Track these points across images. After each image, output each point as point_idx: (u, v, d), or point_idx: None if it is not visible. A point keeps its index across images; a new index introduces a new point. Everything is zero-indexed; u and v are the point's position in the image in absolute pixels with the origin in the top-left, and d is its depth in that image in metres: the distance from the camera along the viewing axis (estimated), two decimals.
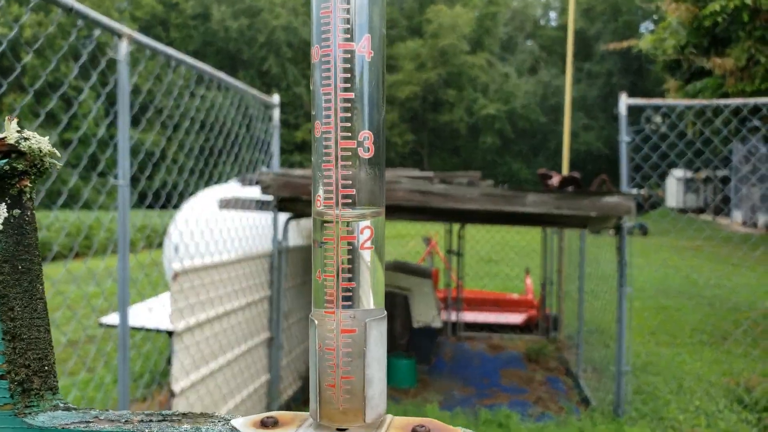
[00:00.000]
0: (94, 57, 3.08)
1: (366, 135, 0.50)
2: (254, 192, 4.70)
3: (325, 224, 0.50)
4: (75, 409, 0.56)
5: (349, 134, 0.50)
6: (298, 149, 36.30)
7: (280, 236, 4.64)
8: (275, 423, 0.52)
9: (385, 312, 0.52)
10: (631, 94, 5.03)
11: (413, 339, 5.97)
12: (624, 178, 4.87)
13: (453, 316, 7.51)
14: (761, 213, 23.08)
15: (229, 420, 0.53)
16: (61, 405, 0.57)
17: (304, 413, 0.55)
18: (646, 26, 47.38)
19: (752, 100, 4.85)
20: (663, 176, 32.32)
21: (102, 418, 0.53)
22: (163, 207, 3.91)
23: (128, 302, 3.00)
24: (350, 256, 0.49)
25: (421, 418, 0.52)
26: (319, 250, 0.50)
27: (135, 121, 3.25)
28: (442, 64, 43.47)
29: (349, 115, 0.50)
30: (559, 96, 43.95)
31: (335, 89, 0.50)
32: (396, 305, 5.89)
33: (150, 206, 3.75)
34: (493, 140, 43.53)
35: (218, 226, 4.10)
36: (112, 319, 4.13)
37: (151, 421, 0.53)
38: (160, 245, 6.57)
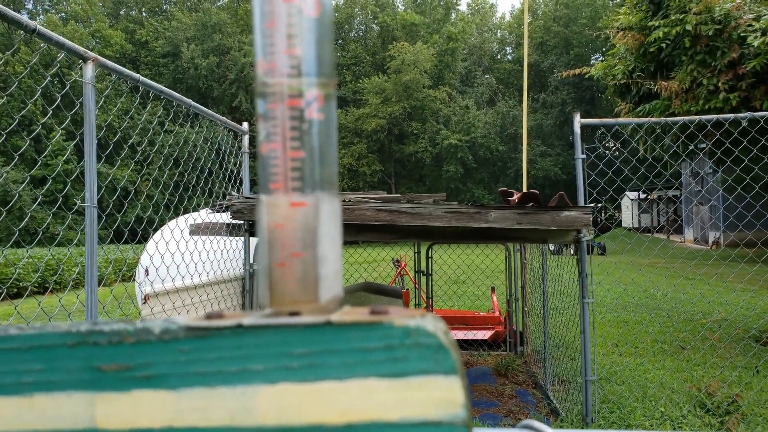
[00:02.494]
0: (65, 96, 3.13)
1: None
2: (225, 217, 4.71)
3: (268, 93, 0.45)
4: None
5: None
6: None
7: (251, 260, 4.66)
8: (220, 317, 0.46)
9: (338, 190, 0.48)
10: None
11: None
12: (580, 194, 5.03)
13: None
14: (710, 230, 23.90)
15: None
16: None
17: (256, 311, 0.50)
18: (596, 58, 49.30)
19: (697, 118, 5.06)
20: (620, 191, 33.15)
21: None
22: (138, 242, 3.91)
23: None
24: (297, 123, 0.45)
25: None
26: (263, 121, 0.45)
27: (109, 159, 3.29)
28: (406, 98, 44.29)
29: None
30: (517, 125, 45.12)
31: None
32: None
33: (125, 241, 3.74)
34: (456, 169, 44.27)
35: (189, 249, 4.12)
36: None
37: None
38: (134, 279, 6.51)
